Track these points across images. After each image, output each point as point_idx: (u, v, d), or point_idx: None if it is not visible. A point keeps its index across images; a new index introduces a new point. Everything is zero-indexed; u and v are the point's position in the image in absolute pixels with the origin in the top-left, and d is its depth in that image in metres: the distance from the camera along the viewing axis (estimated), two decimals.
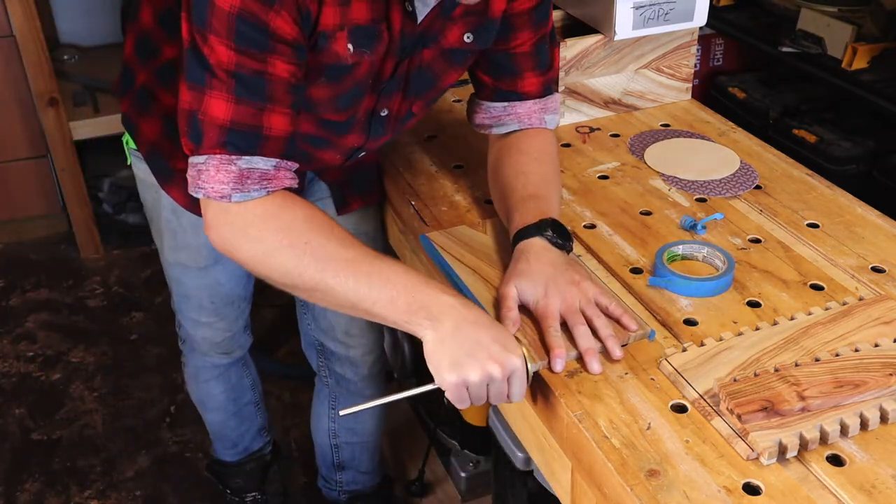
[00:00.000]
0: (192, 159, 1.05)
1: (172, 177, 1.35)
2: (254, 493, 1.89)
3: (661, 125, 1.61)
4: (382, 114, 1.23)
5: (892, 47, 2.03)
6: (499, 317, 1.08)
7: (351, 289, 1.01)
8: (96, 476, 2.09)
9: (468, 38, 1.18)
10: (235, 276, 1.52)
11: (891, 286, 1.16)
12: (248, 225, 1.04)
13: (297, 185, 1.08)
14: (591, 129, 1.60)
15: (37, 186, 2.86)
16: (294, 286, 1.05)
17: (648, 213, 1.34)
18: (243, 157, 1.02)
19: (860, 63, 2.02)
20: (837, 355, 1.00)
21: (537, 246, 1.12)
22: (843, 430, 0.93)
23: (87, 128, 2.72)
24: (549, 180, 1.24)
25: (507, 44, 1.24)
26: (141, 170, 1.41)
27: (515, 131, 1.29)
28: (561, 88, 1.58)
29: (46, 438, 2.20)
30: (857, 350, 1.01)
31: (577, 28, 1.61)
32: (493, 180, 1.28)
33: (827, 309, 1.09)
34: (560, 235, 1.14)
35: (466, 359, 0.98)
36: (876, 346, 1.01)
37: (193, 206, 1.36)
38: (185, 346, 1.69)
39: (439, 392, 1.03)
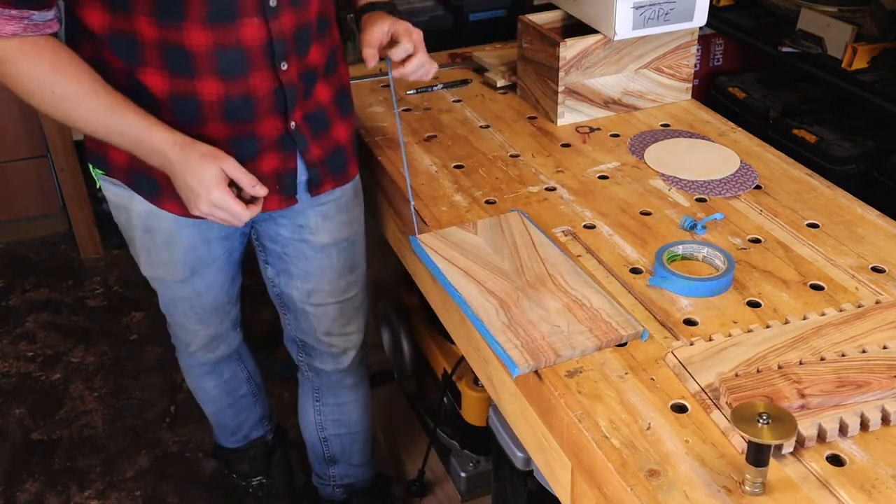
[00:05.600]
0: None
1: (162, 190, 1.33)
2: (259, 478, 1.91)
3: (661, 125, 1.60)
4: None
5: (892, 47, 2.03)
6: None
7: (97, 130, 1.21)
8: (96, 476, 2.09)
9: None
10: (216, 285, 1.53)
11: (891, 286, 1.16)
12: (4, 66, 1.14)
13: (55, 29, 1.16)
14: (591, 129, 1.60)
15: (37, 186, 2.86)
16: (55, 118, 1.21)
17: (648, 213, 1.34)
18: None
19: (860, 63, 2.02)
20: (844, 355, 1.00)
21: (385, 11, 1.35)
22: (843, 430, 0.93)
23: None
24: None
25: None
26: (112, 193, 1.40)
27: None
28: (561, 88, 1.58)
29: (46, 438, 2.20)
30: (864, 351, 1.01)
31: (577, 28, 1.61)
32: None
33: (841, 310, 1.09)
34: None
35: (193, 197, 1.22)
36: (884, 348, 1.01)
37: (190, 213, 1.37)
38: (177, 341, 1.70)
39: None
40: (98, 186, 1.43)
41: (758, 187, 1.40)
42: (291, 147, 1.35)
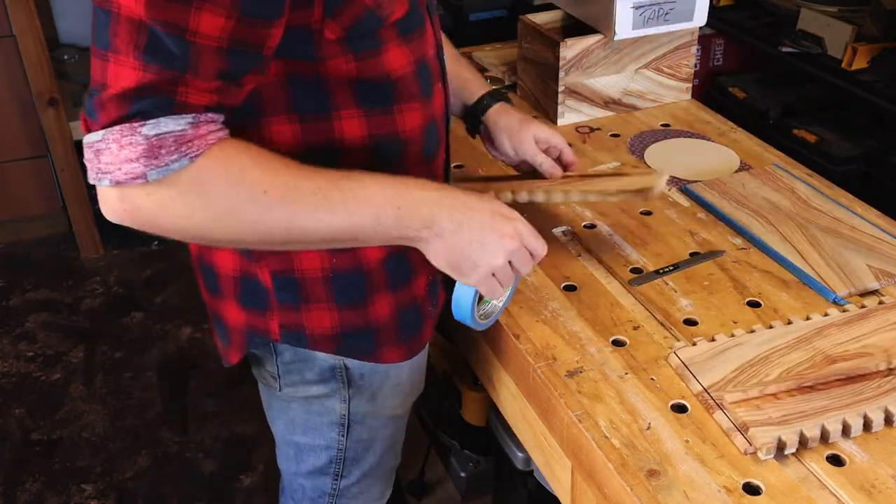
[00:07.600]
0: (87, 139, 0.82)
1: (377, 341, 1.07)
2: None
3: (661, 125, 1.60)
4: None
5: (892, 47, 2.03)
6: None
7: (329, 224, 0.88)
8: (96, 476, 2.09)
9: None
10: None
11: (891, 286, 1.16)
12: (182, 199, 0.83)
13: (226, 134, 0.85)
14: (591, 129, 1.60)
15: (37, 186, 2.86)
16: (261, 242, 0.89)
17: (648, 213, 1.34)
18: (148, 121, 0.79)
19: (860, 63, 2.03)
20: (847, 356, 1.00)
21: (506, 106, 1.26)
22: (845, 430, 0.93)
23: None
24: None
25: None
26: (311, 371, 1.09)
27: None
28: (561, 88, 1.58)
29: (46, 438, 2.20)
30: (867, 352, 1.01)
31: (577, 28, 1.61)
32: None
33: (844, 311, 1.09)
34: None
35: (482, 250, 0.92)
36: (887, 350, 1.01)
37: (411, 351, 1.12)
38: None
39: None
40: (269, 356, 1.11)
41: None
42: None
